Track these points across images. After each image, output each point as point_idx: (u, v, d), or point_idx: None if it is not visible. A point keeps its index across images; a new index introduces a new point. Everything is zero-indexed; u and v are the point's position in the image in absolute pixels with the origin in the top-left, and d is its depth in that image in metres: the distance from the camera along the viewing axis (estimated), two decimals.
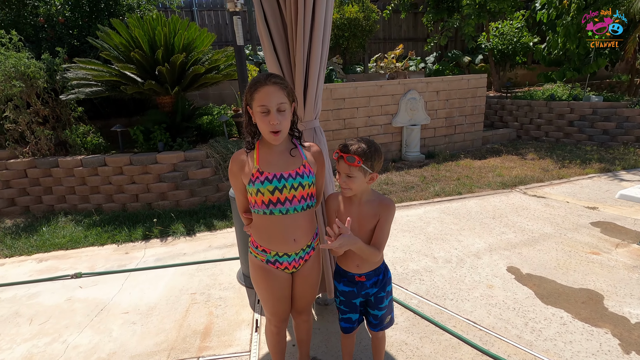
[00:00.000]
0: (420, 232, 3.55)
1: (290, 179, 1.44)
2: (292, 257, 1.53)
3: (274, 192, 1.42)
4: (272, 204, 1.43)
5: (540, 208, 3.98)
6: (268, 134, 1.38)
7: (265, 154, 1.47)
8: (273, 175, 1.42)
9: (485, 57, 9.85)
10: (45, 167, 4.64)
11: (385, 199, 1.54)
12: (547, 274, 2.72)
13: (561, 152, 6.16)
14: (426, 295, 2.54)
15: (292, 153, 1.49)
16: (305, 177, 1.47)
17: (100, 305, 2.65)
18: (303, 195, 1.47)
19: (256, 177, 1.42)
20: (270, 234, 1.49)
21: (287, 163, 1.47)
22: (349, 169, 1.43)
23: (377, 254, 1.48)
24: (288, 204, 1.45)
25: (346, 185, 1.45)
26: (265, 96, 1.34)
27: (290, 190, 1.44)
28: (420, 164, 5.99)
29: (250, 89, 1.38)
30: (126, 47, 4.57)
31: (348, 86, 5.82)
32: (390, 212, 1.51)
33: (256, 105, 1.36)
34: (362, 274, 1.56)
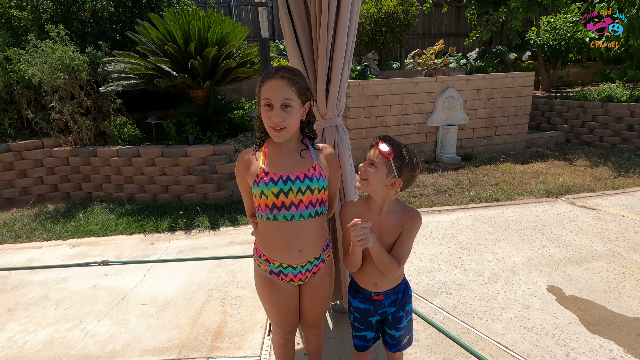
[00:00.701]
0: (450, 240, 3.32)
1: (298, 181, 1.32)
2: (297, 270, 1.41)
3: (278, 195, 1.31)
4: (277, 208, 1.32)
5: (590, 221, 3.59)
6: (269, 129, 1.30)
7: (272, 154, 1.37)
8: (279, 177, 1.32)
9: (533, 54, 9.17)
10: (85, 156, 4.86)
11: (410, 209, 1.39)
12: (595, 297, 2.41)
13: (617, 160, 5.57)
14: (453, 311, 2.34)
15: (302, 154, 1.38)
16: (315, 180, 1.34)
17: (121, 295, 2.70)
18: (311, 201, 1.34)
19: (261, 177, 1.33)
20: (273, 243, 1.38)
21: (296, 164, 1.36)
22: (376, 155, 1.31)
23: (397, 268, 1.33)
24: (294, 209, 1.32)
25: (364, 174, 1.32)
26: (270, 90, 1.25)
27: (297, 194, 1.32)
28: (455, 167, 5.66)
29: (260, 82, 1.30)
30: (162, 40, 4.66)
31: (381, 83, 5.60)
32: (415, 224, 1.35)
33: (262, 98, 1.28)
34: (380, 292, 1.41)
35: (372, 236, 1.23)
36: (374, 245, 1.25)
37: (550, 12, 8.64)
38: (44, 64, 4.59)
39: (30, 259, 3.32)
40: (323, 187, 1.37)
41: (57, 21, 5.56)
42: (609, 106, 6.45)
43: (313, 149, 1.41)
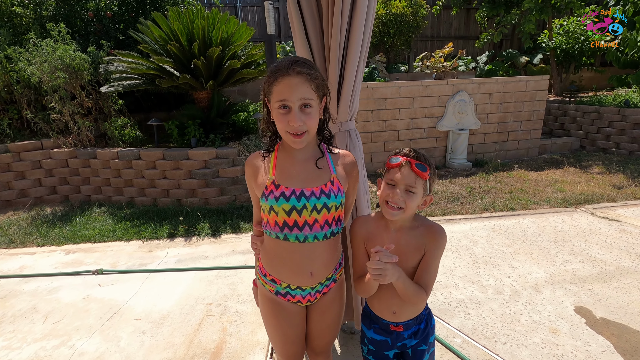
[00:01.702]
0: (465, 252, 3.12)
1: (313, 197, 1.14)
2: (307, 291, 1.24)
3: (290, 213, 1.13)
4: (288, 227, 1.14)
5: (614, 234, 3.37)
6: (286, 135, 1.10)
7: (284, 162, 1.18)
8: (291, 192, 1.13)
9: (545, 57, 8.94)
10: (84, 158, 4.73)
11: (432, 225, 1.20)
12: (629, 321, 2.20)
13: (636, 167, 5.33)
14: (472, 333, 2.14)
15: (319, 164, 1.19)
16: (333, 197, 1.16)
17: (114, 308, 2.52)
18: (327, 220, 1.17)
19: (270, 190, 1.15)
20: (282, 263, 1.21)
21: (311, 176, 1.17)
22: (414, 179, 1.10)
23: (423, 298, 1.15)
24: (307, 230, 1.15)
25: (401, 203, 1.10)
26: (287, 89, 1.04)
27: (311, 213, 1.14)
28: (466, 173, 5.45)
29: (269, 79, 1.08)
30: (164, 40, 4.52)
31: (390, 85, 5.42)
32: (440, 244, 1.17)
33: (275, 99, 1.07)
34: (399, 322, 1.22)
35: (394, 269, 1.04)
36: (398, 280, 1.06)
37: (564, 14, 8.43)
38: (43, 63, 4.46)
39: (23, 266, 3.16)
40: (341, 204, 1.19)
41: (60, 19, 5.45)
42: (626, 112, 6.21)
43: (330, 156, 1.22)
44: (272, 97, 1.08)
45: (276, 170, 1.17)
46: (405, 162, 1.12)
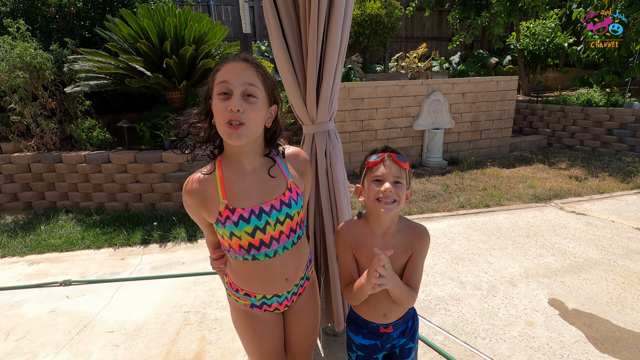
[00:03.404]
0: (444, 249, 3.17)
1: (274, 212, 1.07)
2: (283, 297, 1.20)
3: (254, 234, 1.06)
4: (254, 247, 1.08)
5: (582, 227, 3.53)
6: (223, 127, 0.96)
7: (232, 179, 1.05)
8: (250, 212, 1.04)
9: (513, 59, 9.29)
10: (48, 162, 4.47)
11: (416, 226, 1.20)
12: (598, 311, 2.30)
13: (599, 163, 5.62)
14: (453, 330, 2.17)
15: (272, 172, 1.10)
16: (294, 204, 1.11)
17: (84, 321, 2.39)
18: (292, 228, 1.12)
19: (225, 216, 1.04)
20: (254, 279, 1.15)
21: (267, 188, 1.08)
22: (399, 170, 1.11)
23: (415, 298, 1.15)
24: (275, 244, 1.10)
25: (394, 195, 1.09)
26: (229, 71, 0.97)
27: (275, 227, 1.08)
28: (442, 171, 5.57)
29: (214, 70, 1.01)
30: (134, 38, 4.34)
31: (367, 85, 5.45)
32: (425, 244, 1.18)
33: (216, 85, 0.97)
34: (389, 323, 1.21)
35: (393, 276, 1.04)
36: (395, 287, 1.05)
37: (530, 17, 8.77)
38: (0, 62, 4.18)
39: None
40: (301, 207, 1.15)
41: (18, 15, 5.13)
42: (588, 110, 6.55)
43: (282, 161, 1.14)
44: (214, 85, 0.98)
45: (226, 191, 1.04)
46: (386, 157, 1.13)
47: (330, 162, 1.71)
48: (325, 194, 1.73)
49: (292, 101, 1.68)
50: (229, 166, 1.06)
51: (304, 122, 1.73)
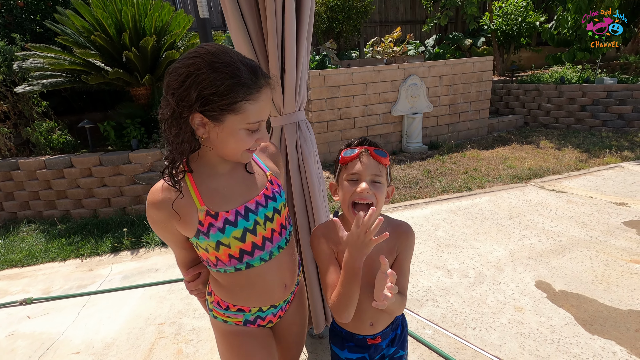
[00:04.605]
0: (428, 237, 3.10)
1: (261, 208, 0.97)
2: (279, 307, 1.07)
3: (244, 238, 0.94)
4: (247, 253, 0.95)
5: (562, 205, 3.53)
6: (240, 152, 0.89)
7: (207, 183, 0.92)
8: (235, 214, 0.92)
9: (488, 40, 9.30)
10: (4, 170, 4.12)
11: (401, 225, 1.07)
12: (585, 290, 2.28)
13: (575, 140, 5.69)
14: (442, 322, 2.09)
15: (249, 168, 1.00)
16: (278, 197, 1.01)
17: (47, 343, 2.18)
18: (282, 224, 1.02)
19: (208, 224, 0.90)
20: (250, 291, 1.00)
21: (247, 186, 0.98)
22: (378, 167, 0.97)
23: (404, 304, 1.03)
24: (269, 245, 0.98)
25: (371, 197, 0.95)
26: (265, 108, 0.87)
27: (266, 225, 0.97)
28: (423, 156, 5.51)
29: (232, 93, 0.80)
30: (89, 31, 4.01)
31: (343, 72, 5.29)
32: (410, 244, 1.06)
33: (242, 121, 0.83)
34: (377, 333, 1.09)
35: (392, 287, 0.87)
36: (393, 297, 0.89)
37: None
38: None
39: None
40: (285, 200, 1.06)
41: None
42: (562, 88, 6.61)
43: (255, 155, 1.04)
44: (233, 116, 0.82)
45: (202, 196, 0.91)
46: (363, 151, 0.99)
47: (302, 155, 1.56)
48: (298, 191, 1.59)
49: None
50: (200, 170, 0.92)
51: (270, 114, 1.57)
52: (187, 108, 0.79)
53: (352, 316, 0.96)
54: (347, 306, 0.94)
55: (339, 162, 1.02)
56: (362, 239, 0.87)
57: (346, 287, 0.92)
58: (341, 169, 1.01)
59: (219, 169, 0.94)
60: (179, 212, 0.88)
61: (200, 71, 0.78)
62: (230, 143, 0.85)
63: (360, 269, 0.91)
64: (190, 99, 0.78)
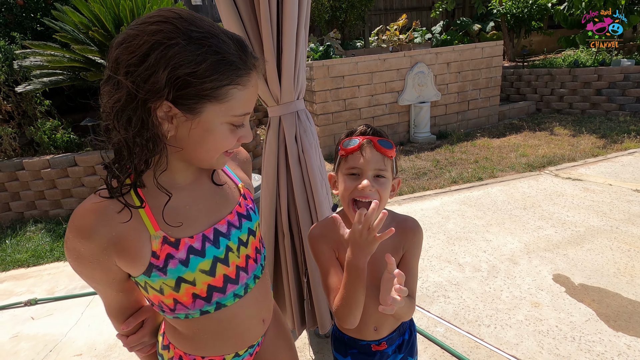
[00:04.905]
0: (438, 229, 2.99)
1: (234, 230, 0.75)
2: (255, 345, 0.84)
3: (214, 270, 0.71)
4: (218, 290, 0.72)
5: (579, 193, 3.37)
6: (216, 155, 0.67)
7: (162, 199, 0.66)
8: (202, 239, 0.70)
9: (497, 24, 9.01)
10: (10, 170, 4.12)
11: (406, 220, 0.98)
12: (606, 283, 2.15)
13: (591, 125, 5.47)
14: (454, 319, 1.99)
15: (217, 179, 0.77)
16: (253, 215, 0.82)
17: (50, 345, 2.15)
18: (257, 247, 0.82)
19: (165, 256, 0.66)
20: (222, 335, 0.77)
21: (216, 202, 0.75)
22: (382, 160, 0.87)
23: (414, 308, 0.93)
24: (244, 276, 0.77)
25: (374, 194, 0.85)
26: (254, 96, 0.68)
27: (239, 251, 0.76)
28: (431, 146, 5.36)
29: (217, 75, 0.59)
30: (87, 26, 3.94)
31: (347, 62, 5.15)
32: (418, 241, 0.96)
33: (225, 112, 0.62)
34: (382, 339, 1.00)
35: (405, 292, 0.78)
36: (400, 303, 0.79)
37: None
38: None
39: None
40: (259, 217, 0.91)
41: None
42: (576, 72, 6.35)
43: None
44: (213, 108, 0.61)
45: (158, 218, 0.66)
46: (366, 142, 0.88)
47: (302, 147, 1.47)
48: (300, 185, 1.50)
49: None
50: (153, 182, 0.65)
51: (267, 104, 1.47)
52: (153, 94, 0.56)
53: (357, 321, 0.87)
54: (352, 310, 0.84)
55: (338, 153, 0.92)
56: (365, 237, 0.77)
57: (350, 290, 0.82)
58: (341, 161, 0.91)
59: (178, 179, 0.70)
60: (122, 242, 0.63)
61: (172, 41, 0.55)
62: (207, 142, 0.64)
63: (364, 270, 0.81)
64: (158, 82, 0.55)
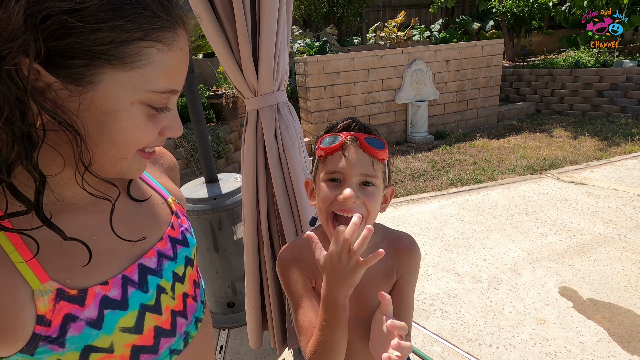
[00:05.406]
0: (435, 235, 2.81)
1: (167, 262, 0.53)
2: None
3: (141, 325, 0.49)
4: (148, 351, 0.50)
5: (583, 198, 3.21)
6: (128, 156, 0.43)
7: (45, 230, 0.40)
8: (122, 283, 0.47)
9: (496, 23, 8.85)
10: None
11: (402, 239, 0.79)
12: (617, 298, 1.98)
13: (592, 127, 5.33)
14: (453, 337, 1.82)
15: (135, 192, 0.54)
16: (190, 238, 0.59)
17: None
18: (195, 280, 0.60)
19: (62, 319, 0.41)
20: None
21: (139, 224, 0.52)
22: (371, 164, 0.67)
23: (410, 347, 0.74)
24: (182, 323, 0.54)
25: (358, 207, 0.66)
26: (184, 66, 0.44)
27: (175, 290, 0.54)
28: (429, 147, 5.19)
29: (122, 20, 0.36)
30: None
31: (343, 57, 4.96)
32: (414, 264, 0.78)
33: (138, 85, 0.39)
34: None
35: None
36: None
37: None
38: None
39: None
40: (195, 241, 0.64)
41: None
42: (577, 72, 6.21)
43: None
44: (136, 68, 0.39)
45: (44, 263, 0.42)
46: (350, 140, 0.68)
47: (283, 146, 1.28)
48: (281, 189, 1.31)
49: (224, 65, 1.22)
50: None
51: (244, 95, 1.28)
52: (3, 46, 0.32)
53: None
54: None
55: (315, 152, 0.73)
56: (345, 263, 0.58)
57: (327, 334, 0.63)
58: (319, 163, 0.72)
59: (72, 195, 0.46)
60: None
61: None
62: (109, 134, 0.40)
63: (345, 307, 0.62)
64: (10, 23, 0.32)
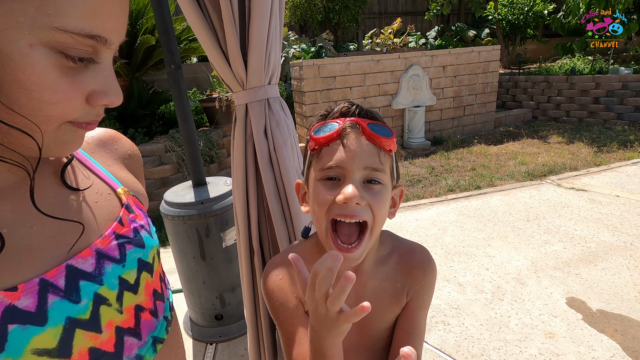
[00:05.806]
0: (435, 243, 2.70)
1: (111, 264, 0.41)
2: None
3: (69, 343, 0.37)
4: None
5: (585, 205, 3.13)
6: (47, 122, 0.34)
7: None
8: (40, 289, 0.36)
9: (492, 31, 8.89)
10: None
11: (414, 253, 0.67)
12: (628, 310, 1.88)
13: (589, 134, 5.29)
14: (456, 352, 1.70)
15: (71, 177, 0.43)
16: (146, 237, 0.47)
17: None
18: (155, 290, 0.48)
19: None
20: None
21: (73, 216, 0.41)
22: (377, 155, 0.56)
23: None
24: (134, 343, 0.43)
25: (362, 212, 0.53)
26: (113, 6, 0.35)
27: (122, 300, 0.42)
28: (426, 152, 5.11)
29: None
30: None
31: (339, 62, 4.89)
32: (429, 284, 0.66)
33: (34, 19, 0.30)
34: None
35: None
36: None
37: None
38: None
39: None
40: (157, 242, 0.52)
41: None
42: (573, 79, 6.20)
43: (83, 152, 0.49)
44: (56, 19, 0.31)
45: None
46: (349, 126, 0.56)
47: (274, 144, 1.16)
48: (273, 192, 1.19)
49: (210, 56, 1.12)
50: None
51: (232, 89, 1.17)
52: None
53: None
54: None
55: (307, 146, 0.62)
56: (324, 314, 0.45)
57: None
58: (312, 159, 0.61)
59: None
60: None
61: None
62: (8, 90, 0.32)
63: (334, 356, 0.50)
64: None
